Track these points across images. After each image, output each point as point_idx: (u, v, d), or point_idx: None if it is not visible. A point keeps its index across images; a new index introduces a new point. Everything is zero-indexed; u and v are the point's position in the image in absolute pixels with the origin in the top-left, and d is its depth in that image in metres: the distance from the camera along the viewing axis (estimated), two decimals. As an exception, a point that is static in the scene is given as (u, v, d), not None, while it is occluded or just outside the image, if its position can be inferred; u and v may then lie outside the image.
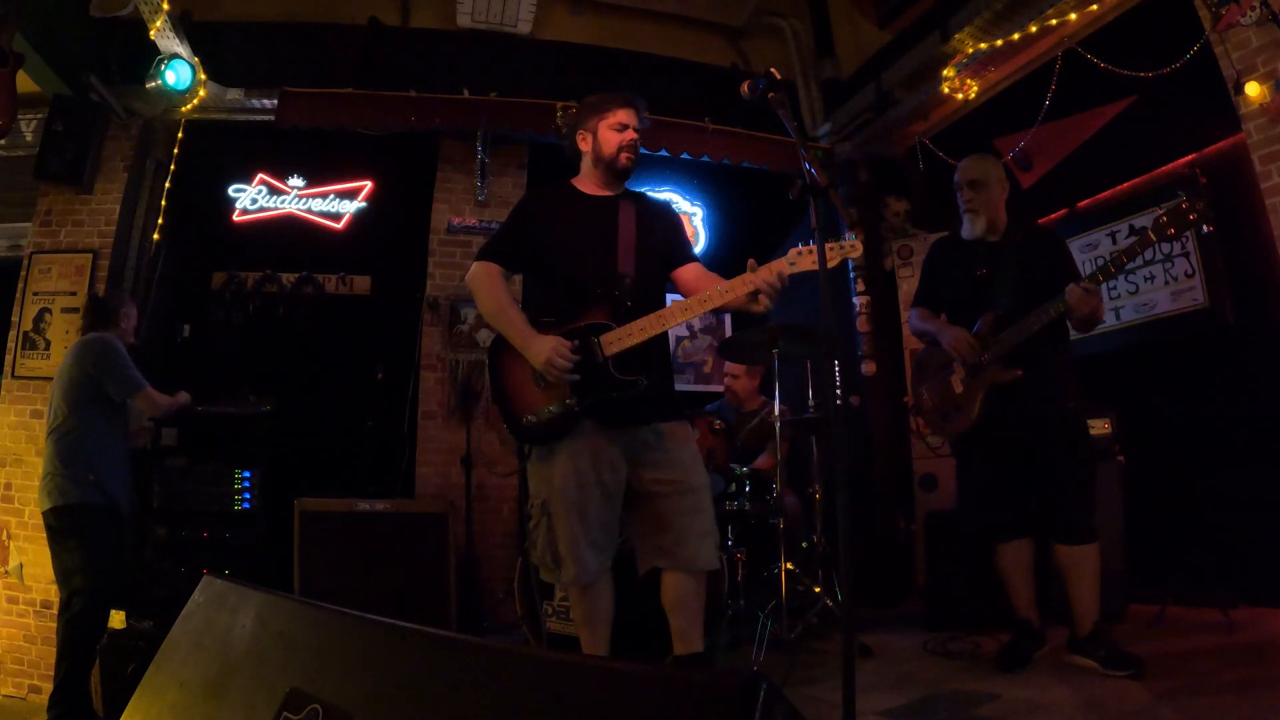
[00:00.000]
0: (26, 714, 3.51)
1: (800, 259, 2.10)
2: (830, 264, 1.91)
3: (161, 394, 3.25)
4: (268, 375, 4.43)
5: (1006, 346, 2.68)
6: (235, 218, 4.89)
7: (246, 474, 3.91)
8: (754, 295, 2.12)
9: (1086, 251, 4.13)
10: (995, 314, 2.73)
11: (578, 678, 0.85)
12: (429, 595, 3.71)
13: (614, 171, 2.38)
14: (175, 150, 4.56)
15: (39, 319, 4.27)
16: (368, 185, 5.02)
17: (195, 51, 4.27)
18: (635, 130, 2.36)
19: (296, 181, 4.98)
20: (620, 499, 2.24)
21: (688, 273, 2.38)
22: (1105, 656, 2.47)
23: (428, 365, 4.73)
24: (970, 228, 2.89)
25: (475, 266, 2.35)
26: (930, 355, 2.99)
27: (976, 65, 4.25)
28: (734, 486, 3.50)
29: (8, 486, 4.05)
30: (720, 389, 5.00)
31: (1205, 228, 2.50)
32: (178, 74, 4.16)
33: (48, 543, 3.04)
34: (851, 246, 2.11)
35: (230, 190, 4.91)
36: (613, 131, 2.36)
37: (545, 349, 2.14)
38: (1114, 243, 4.04)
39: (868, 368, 5.08)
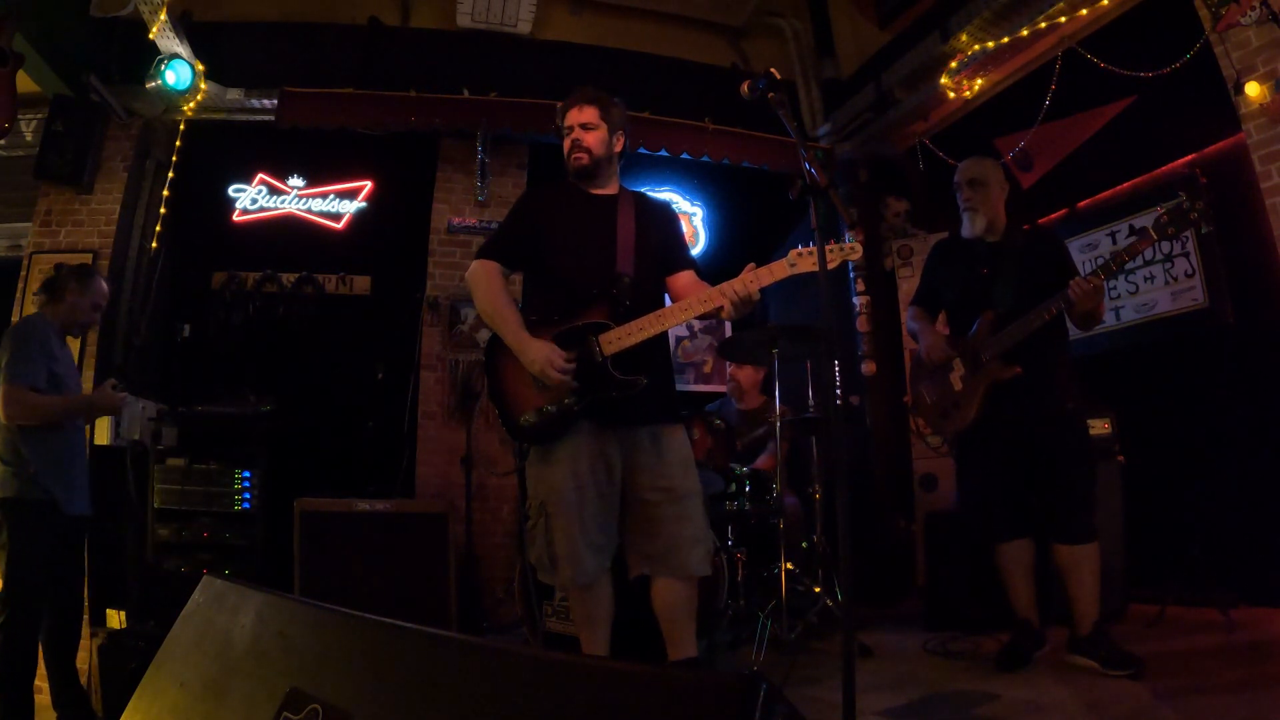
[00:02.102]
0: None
1: (801, 260, 2.10)
2: (830, 266, 1.91)
3: (42, 398, 2.74)
4: (268, 375, 4.43)
5: (1007, 344, 2.68)
6: (235, 218, 4.90)
7: (246, 474, 3.92)
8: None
9: (1086, 252, 4.13)
10: (995, 312, 2.74)
11: (578, 678, 0.85)
12: (429, 595, 3.71)
13: (573, 174, 2.38)
14: (175, 150, 4.56)
15: (39, 319, 4.27)
16: (368, 185, 5.02)
17: (195, 51, 4.27)
18: (582, 128, 2.35)
19: (296, 181, 4.98)
20: (618, 499, 2.24)
21: (680, 281, 2.38)
22: (1105, 656, 2.47)
23: (428, 365, 4.73)
24: (970, 226, 2.90)
25: (475, 265, 2.35)
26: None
27: (976, 65, 4.25)
28: (734, 486, 3.50)
29: (8, 486, 4.04)
30: (720, 389, 5.01)
31: (1205, 227, 2.50)
32: (178, 74, 4.16)
33: None
34: (851, 249, 2.11)
35: (230, 190, 4.91)
36: (565, 136, 2.39)
37: (540, 357, 2.14)
38: (1114, 243, 4.04)
39: (868, 368, 5.08)
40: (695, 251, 2.81)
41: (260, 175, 4.96)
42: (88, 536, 3.48)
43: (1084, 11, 3.77)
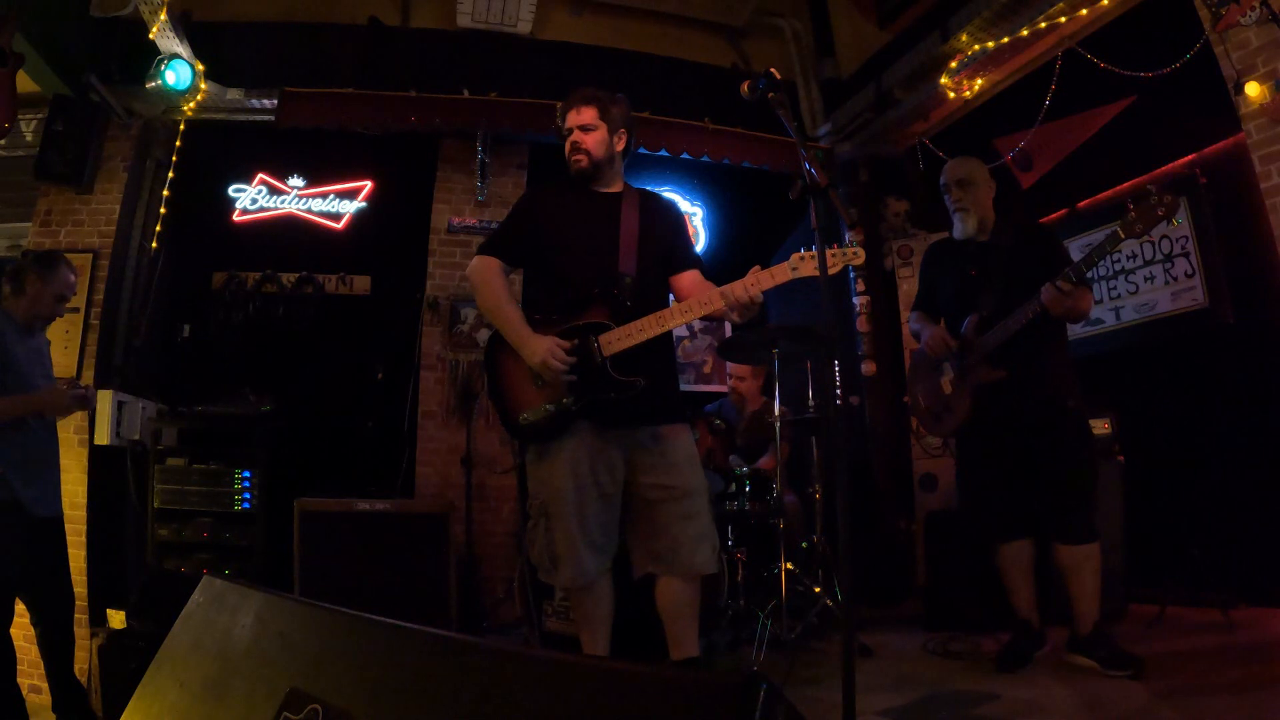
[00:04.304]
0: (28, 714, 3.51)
1: (803, 264, 2.09)
2: (832, 270, 1.91)
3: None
4: (268, 375, 4.42)
5: (990, 346, 2.69)
6: (235, 218, 4.89)
7: (246, 474, 3.91)
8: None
9: (1086, 252, 4.12)
10: (980, 315, 2.74)
11: (578, 678, 0.85)
12: (429, 595, 3.71)
13: (573, 176, 2.38)
14: (175, 150, 4.55)
15: (39, 319, 4.25)
16: (368, 185, 5.02)
17: (195, 51, 4.27)
18: (581, 130, 2.35)
19: (296, 181, 4.98)
20: (619, 500, 2.24)
21: (684, 281, 2.38)
22: (1105, 656, 2.47)
23: (428, 365, 4.73)
24: (961, 227, 2.90)
25: (475, 261, 2.36)
26: (924, 356, 3.01)
27: (976, 65, 4.25)
28: (734, 486, 3.51)
29: (8, 486, 4.04)
30: (721, 389, 5.01)
31: (1172, 222, 2.50)
32: (178, 74, 4.16)
33: None
34: (854, 253, 2.11)
35: (230, 190, 4.91)
36: (564, 138, 2.39)
37: (541, 349, 2.14)
38: (1114, 243, 4.03)
39: (868, 368, 5.08)
40: (697, 252, 2.79)
41: (260, 175, 4.95)
42: (87, 536, 3.47)
43: (1084, 11, 3.77)
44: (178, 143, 4.55)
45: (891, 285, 5.19)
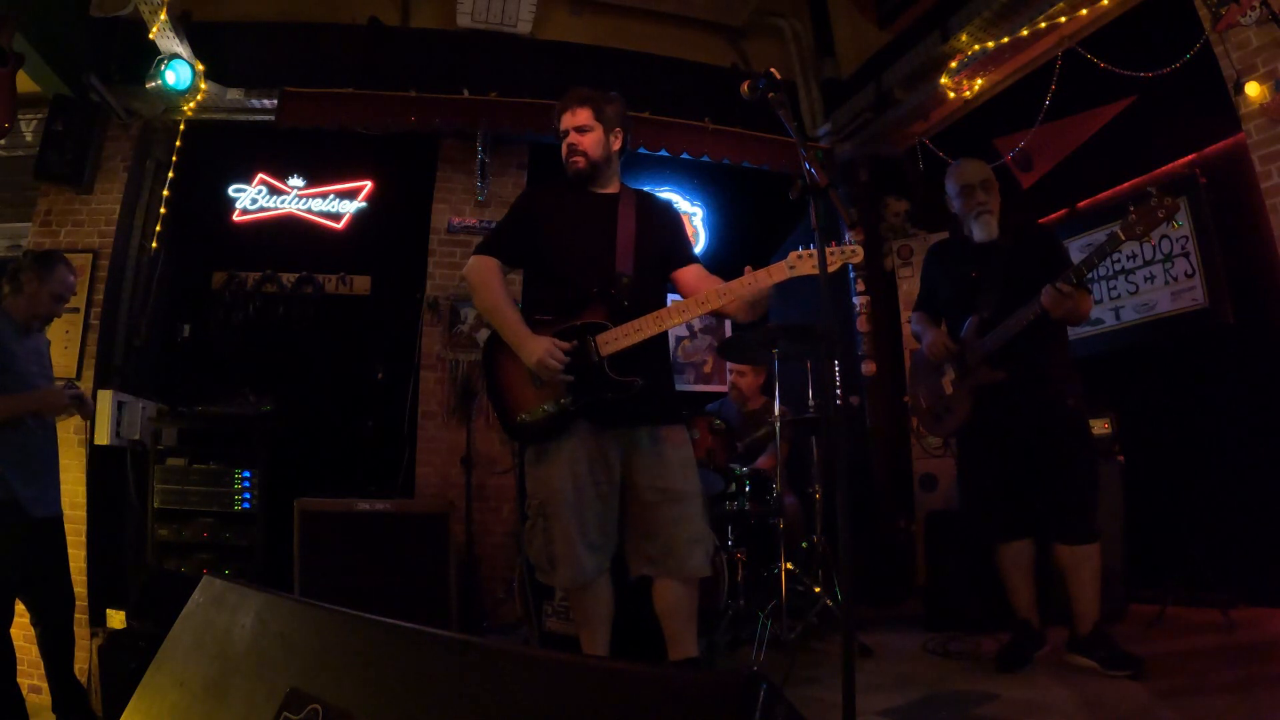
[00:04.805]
0: (28, 714, 3.51)
1: (800, 263, 2.09)
2: (831, 268, 1.90)
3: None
4: (268, 375, 4.43)
5: (990, 348, 2.69)
6: (235, 218, 4.90)
7: (246, 474, 3.91)
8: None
9: (1086, 252, 4.12)
10: (980, 316, 2.74)
11: (578, 678, 0.85)
12: (429, 595, 3.71)
13: (571, 178, 2.38)
14: (175, 150, 4.55)
15: (39, 319, 4.25)
16: (368, 185, 5.02)
17: (195, 51, 4.27)
18: (577, 131, 2.35)
19: (296, 181, 4.98)
20: (617, 500, 2.24)
21: (687, 275, 2.38)
22: (1105, 657, 2.47)
23: (428, 365, 4.73)
24: (984, 231, 2.87)
25: (473, 260, 2.36)
26: (925, 357, 3.01)
27: (976, 65, 4.25)
28: (734, 486, 3.50)
29: (8, 486, 4.04)
30: (721, 389, 5.01)
31: (1176, 224, 2.50)
32: (178, 74, 4.16)
33: None
34: (853, 251, 2.11)
35: (230, 190, 4.91)
36: (561, 139, 2.39)
37: (539, 349, 2.14)
38: (1114, 243, 4.03)
39: (868, 368, 5.08)
40: (696, 251, 2.78)
41: (260, 175, 4.95)
42: (87, 536, 3.45)
43: (1084, 11, 3.77)
44: (178, 143, 4.55)
45: (891, 285, 5.19)
